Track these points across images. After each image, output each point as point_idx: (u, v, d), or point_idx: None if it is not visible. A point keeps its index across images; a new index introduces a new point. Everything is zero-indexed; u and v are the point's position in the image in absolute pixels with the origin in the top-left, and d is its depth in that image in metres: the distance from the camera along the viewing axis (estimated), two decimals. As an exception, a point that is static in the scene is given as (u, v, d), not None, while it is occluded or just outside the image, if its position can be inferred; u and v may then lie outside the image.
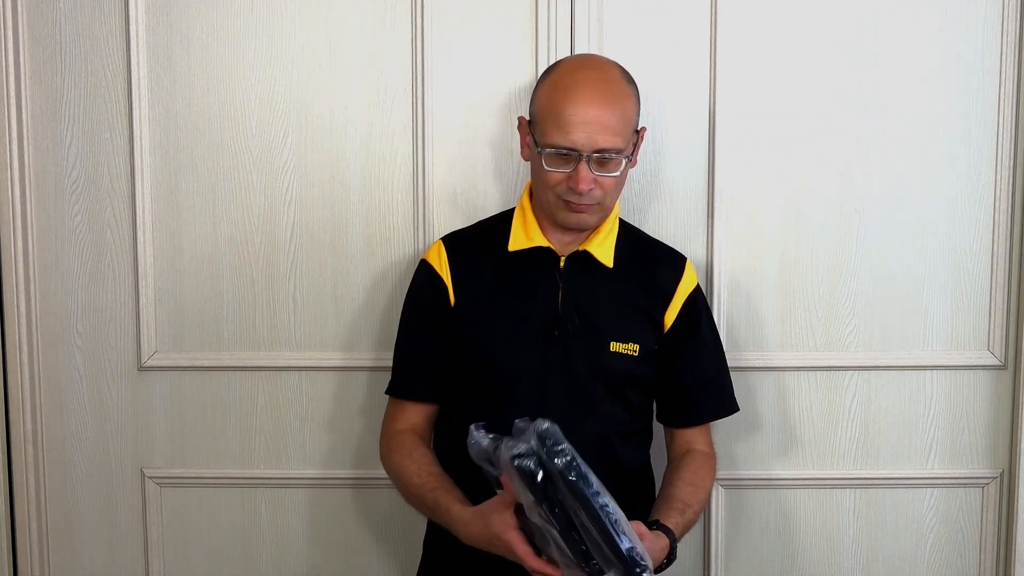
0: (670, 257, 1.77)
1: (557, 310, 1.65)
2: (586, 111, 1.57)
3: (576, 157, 1.57)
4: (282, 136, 1.94)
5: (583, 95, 1.58)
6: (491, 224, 1.77)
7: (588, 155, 1.57)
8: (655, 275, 1.72)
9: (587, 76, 1.61)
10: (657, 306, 1.70)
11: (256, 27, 1.92)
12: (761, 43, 1.91)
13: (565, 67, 1.66)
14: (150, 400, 2.00)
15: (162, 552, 2.03)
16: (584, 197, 1.59)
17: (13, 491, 2.01)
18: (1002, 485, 2.01)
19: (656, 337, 1.70)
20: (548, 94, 1.62)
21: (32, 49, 1.92)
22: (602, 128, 1.57)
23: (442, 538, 1.66)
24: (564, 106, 1.58)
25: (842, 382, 1.98)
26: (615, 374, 1.66)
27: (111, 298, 1.97)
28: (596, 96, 1.58)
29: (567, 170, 1.59)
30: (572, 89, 1.59)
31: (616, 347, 1.66)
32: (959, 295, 1.96)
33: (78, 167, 1.95)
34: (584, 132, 1.56)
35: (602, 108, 1.57)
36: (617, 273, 1.69)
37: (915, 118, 1.92)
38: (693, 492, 1.66)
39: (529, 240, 1.69)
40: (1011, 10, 1.89)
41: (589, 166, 1.58)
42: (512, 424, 1.42)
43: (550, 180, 1.61)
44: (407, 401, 1.74)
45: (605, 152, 1.58)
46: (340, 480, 2.01)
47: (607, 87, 1.61)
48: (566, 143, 1.57)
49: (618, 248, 1.71)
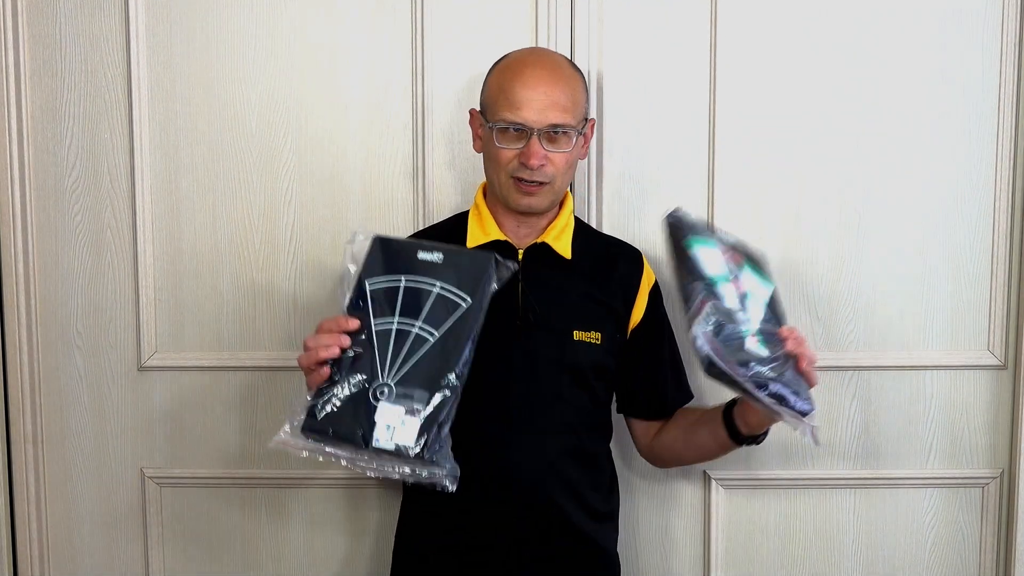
0: (627, 252, 1.80)
1: (517, 301, 1.66)
2: (535, 88, 1.61)
3: (528, 133, 1.61)
4: (282, 136, 1.94)
5: (532, 74, 1.62)
6: (448, 225, 1.79)
7: (539, 130, 1.60)
8: (614, 269, 1.75)
9: (535, 59, 1.67)
10: (618, 299, 1.73)
11: (256, 27, 1.92)
12: (761, 43, 1.91)
13: (514, 55, 1.71)
14: (150, 400, 2.00)
15: (162, 552, 2.03)
16: (535, 174, 1.62)
17: (13, 491, 2.01)
18: (1002, 485, 2.01)
19: (618, 328, 1.73)
20: (497, 78, 1.66)
21: (32, 49, 1.92)
22: (552, 104, 1.61)
23: (413, 537, 1.72)
24: (513, 84, 1.62)
25: (842, 382, 1.98)
26: (580, 363, 1.68)
27: (111, 298, 1.98)
28: (544, 74, 1.63)
29: (519, 146, 1.62)
30: (521, 70, 1.63)
31: (579, 335, 1.68)
32: (959, 295, 1.96)
33: (78, 167, 1.95)
34: (535, 108, 1.60)
35: (550, 85, 1.62)
36: (575, 265, 1.72)
37: (915, 118, 1.92)
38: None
39: (486, 235, 1.71)
40: (1011, 10, 1.90)
41: (540, 142, 1.61)
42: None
43: (502, 158, 1.63)
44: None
45: (556, 127, 1.61)
46: (340, 480, 2.01)
47: (555, 68, 1.65)
48: (517, 119, 1.60)
49: (575, 242, 1.73)
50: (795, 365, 1.54)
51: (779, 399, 1.51)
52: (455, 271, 1.51)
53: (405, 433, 1.41)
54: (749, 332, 1.56)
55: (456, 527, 1.67)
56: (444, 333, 1.47)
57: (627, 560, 1.89)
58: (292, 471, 2.01)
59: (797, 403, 1.51)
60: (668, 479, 2.00)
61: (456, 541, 1.67)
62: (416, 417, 1.42)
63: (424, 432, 1.41)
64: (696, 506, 2.02)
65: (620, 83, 1.92)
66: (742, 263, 1.62)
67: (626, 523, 1.91)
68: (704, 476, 2.00)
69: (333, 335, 1.47)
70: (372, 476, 1.43)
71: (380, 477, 1.43)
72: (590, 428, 1.73)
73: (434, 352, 1.46)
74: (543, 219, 1.72)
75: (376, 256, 1.54)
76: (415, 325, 1.48)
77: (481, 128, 1.69)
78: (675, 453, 1.80)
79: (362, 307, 1.49)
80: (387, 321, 1.48)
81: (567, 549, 1.68)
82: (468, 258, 1.55)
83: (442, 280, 1.50)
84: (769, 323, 1.58)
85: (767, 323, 1.58)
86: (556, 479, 1.66)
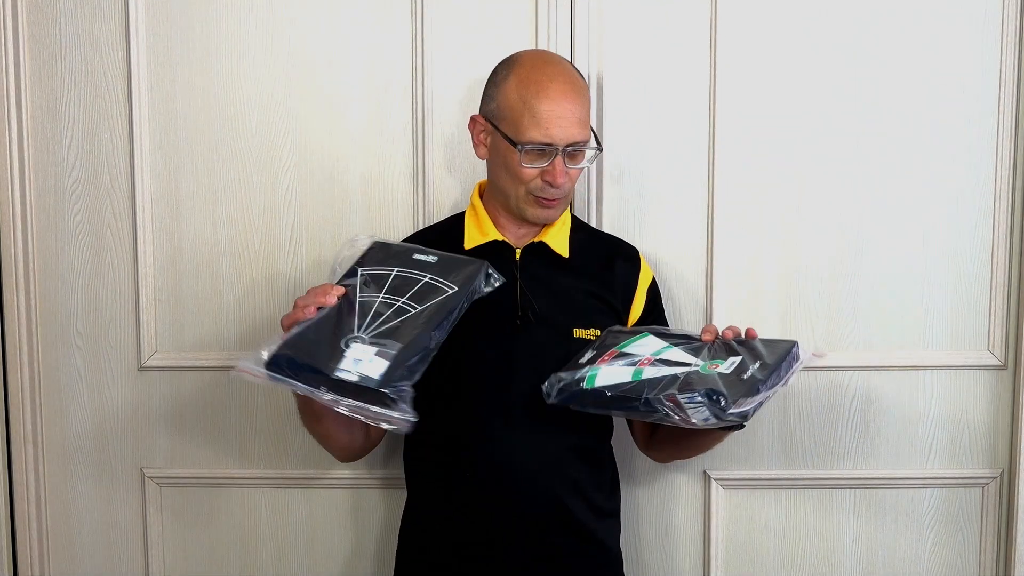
0: (625, 250, 1.80)
1: (517, 300, 1.66)
2: (561, 105, 1.60)
3: (552, 151, 1.60)
4: (282, 136, 1.94)
5: (556, 89, 1.61)
6: (444, 226, 1.79)
7: (563, 148, 1.60)
8: (612, 267, 1.75)
9: (554, 71, 1.64)
10: (617, 297, 1.73)
11: (256, 27, 1.92)
12: (761, 43, 1.91)
13: (529, 63, 1.66)
14: (150, 400, 2.00)
15: (162, 552, 2.03)
16: (556, 191, 1.63)
17: (13, 491, 2.01)
18: (1002, 485, 2.01)
19: (616, 325, 1.72)
20: (518, 90, 1.62)
21: (32, 49, 1.92)
22: (575, 121, 1.61)
23: (417, 535, 1.73)
24: (540, 101, 1.60)
25: (842, 382, 1.98)
26: None
27: (111, 298, 1.98)
28: (568, 90, 1.62)
29: (543, 165, 1.61)
30: (545, 84, 1.61)
31: (579, 333, 1.68)
32: (959, 295, 1.96)
33: (78, 167, 1.95)
34: (560, 126, 1.59)
35: (574, 102, 1.61)
36: (573, 263, 1.72)
37: (915, 118, 1.92)
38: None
39: (484, 236, 1.71)
40: (1011, 10, 1.90)
41: (564, 160, 1.61)
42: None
43: (525, 176, 1.63)
44: None
45: (578, 144, 1.62)
46: (340, 480, 2.01)
47: (573, 80, 1.64)
48: (545, 138, 1.59)
49: (572, 240, 1.73)
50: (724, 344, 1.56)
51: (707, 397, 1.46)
52: (447, 270, 1.53)
53: (372, 367, 1.42)
54: (638, 362, 1.55)
55: (460, 524, 1.67)
56: (426, 307, 1.49)
57: (628, 559, 1.89)
58: (292, 471, 2.01)
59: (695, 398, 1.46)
60: (668, 479, 2.00)
61: (460, 538, 1.67)
62: (386, 359, 1.42)
63: (391, 371, 1.41)
64: (696, 506, 2.02)
65: (620, 83, 1.92)
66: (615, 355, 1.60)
67: (627, 522, 1.91)
68: (704, 476, 2.00)
69: (317, 295, 1.49)
70: (343, 412, 1.42)
71: (344, 412, 1.42)
72: (591, 426, 1.72)
73: (413, 319, 1.47)
74: None
75: (374, 255, 1.56)
76: (399, 300, 1.50)
77: (488, 135, 1.67)
78: (672, 443, 1.78)
79: (350, 284, 1.52)
80: (372, 295, 1.50)
81: (571, 546, 1.68)
82: (462, 262, 1.56)
83: (432, 274, 1.52)
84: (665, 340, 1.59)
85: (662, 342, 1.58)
86: (559, 476, 1.66)
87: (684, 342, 1.58)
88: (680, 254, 1.95)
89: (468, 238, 1.72)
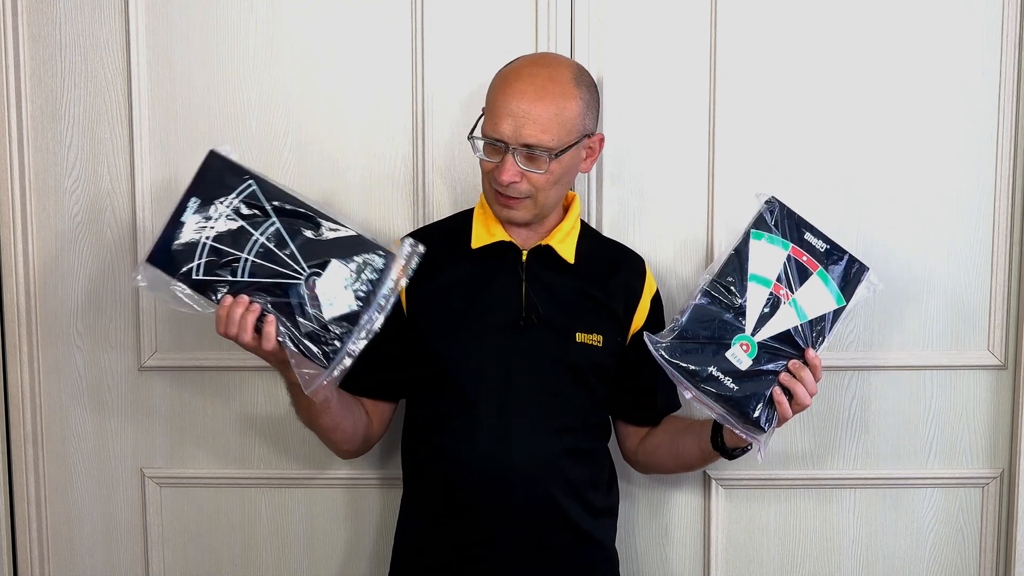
0: (631, 259, 1.80)
1: (521, 302, 1.66)
2: (516, 103, 1.58)
3: (503, 148, 1.59)
4: (282, 136, 1.94)
5: (517, 87, 1.59)
6: (450, 224, 1.78)
7: (514, 147, 1.58)
8: (617, 275, 1.75)
9: (530, 71, 1.62)
10: (620, 305, 1.73)
11: (256, 27, 1.92)
12: (761, 43, 1.91)
13: (516, 62, 1.68)
14: (150, 400, 2.00)
15: (162, 552, 2.03)
16: (509, 189, 1.61)
17: (13, 491, 2.01)
18: (1002, 485, 2.01)
19: (618, 333, 1.73)
20: (493, 85, 1.65)
21: (32, 49, 1.92)
22: (530, 122, 1.57)
23: (413, 534, 1.74)
24: (498, 96, 1.60)
25: (842, 382, 1.98)
26: (582, 364, 1.68)
27: (111, 298, 1.98)
28: (530, 90, 1.59)
29: (496, 160, 1.61)
30: (510, 81, 1.61)
31: (581, 337, 1.68)
32: (959, 295, 1.96)
33: (78, 167, 1.95)
34: (510, 124, 1.58)
35: (533, 103, 1.58)
36: (578, 269, 1.72)
37: (915, 118, 1.92)
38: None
39: (491, 236, 1.70)
40: (1011, 10, 1.90)
41: (516, 159, 1.59)
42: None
43: (483, 168, 1.65)
44: (357, 396, 1.75)
45: (530, 147, 1.58)
46: (340, 480, 2.01)
47: (547, 84, 1.60)
48: (494, 133, 1.59)
49: (579, 246, 1.73)
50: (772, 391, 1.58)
51: (731, 406, 1.56)
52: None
53: (339, 303, 1.52)
54: (739, 340, 1.57)
55: (456, 523, 1.67)
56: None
57: (627, 560, 1.89)
58: (292, 471, 2.01)
59: (740, 419, 1.58)
60: (668, 479, 2.00)
61: (456, 538, 1.67)
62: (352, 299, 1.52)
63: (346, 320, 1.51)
64: (696, 506, 2.02)
65: (620, 83, 1.92)
66: (818, 270, 1.63)
67: (626, 523, 1.91)
68: (704, 476, 2.00)
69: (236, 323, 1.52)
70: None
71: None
72: (589, 427, 1.73)
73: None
74: (546, 223, 1.72)
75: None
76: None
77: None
78: (658, 459, 1.80)
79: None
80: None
81: (566, 545, 1.69)
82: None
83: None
84: (785, 344, 1.60)
85: (780, 342, 1.60)
86: (556, 477, 1.66)
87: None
88: (680, 254, 1.95)
89: (475, 237, 1.71)
